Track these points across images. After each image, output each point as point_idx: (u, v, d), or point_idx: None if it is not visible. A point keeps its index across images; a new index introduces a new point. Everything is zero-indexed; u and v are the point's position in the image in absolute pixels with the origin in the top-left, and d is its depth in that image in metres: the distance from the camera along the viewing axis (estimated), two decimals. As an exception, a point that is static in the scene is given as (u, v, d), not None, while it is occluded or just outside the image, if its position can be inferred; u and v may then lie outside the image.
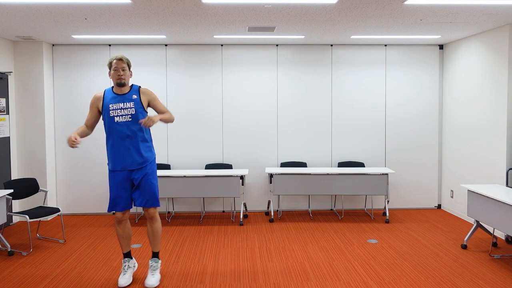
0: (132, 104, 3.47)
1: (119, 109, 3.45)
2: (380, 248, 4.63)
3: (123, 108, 3.45)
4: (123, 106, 3.46)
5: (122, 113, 3.45)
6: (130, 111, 3.45)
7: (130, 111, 3.45)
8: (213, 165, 6.18)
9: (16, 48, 5.80)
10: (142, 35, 5.46)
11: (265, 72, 6.23)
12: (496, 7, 4.16)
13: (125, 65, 3.48)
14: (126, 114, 3.45)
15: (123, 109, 3.45)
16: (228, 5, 3.99)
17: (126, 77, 3.50)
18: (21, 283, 3.75)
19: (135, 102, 3.48)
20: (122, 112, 3.45)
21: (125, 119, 3.45)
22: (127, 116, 3.45)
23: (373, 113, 6.32)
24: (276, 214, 6.10)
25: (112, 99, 3.48)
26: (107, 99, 3.50)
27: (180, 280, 3.79)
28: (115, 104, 3.46)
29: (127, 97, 3.49)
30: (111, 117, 3.45)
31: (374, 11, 4.28)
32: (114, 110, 3.45)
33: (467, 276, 3.84)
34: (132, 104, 3.47)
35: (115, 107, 3.45)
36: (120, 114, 3.45)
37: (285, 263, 4.19)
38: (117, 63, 3.45)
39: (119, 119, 3.44)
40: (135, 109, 3.46)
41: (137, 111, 3.47)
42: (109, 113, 3.46)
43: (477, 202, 4.49)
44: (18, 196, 4.88)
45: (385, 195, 5.73)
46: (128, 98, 3.49)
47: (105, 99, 3.50)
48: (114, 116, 3.45)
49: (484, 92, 5.34)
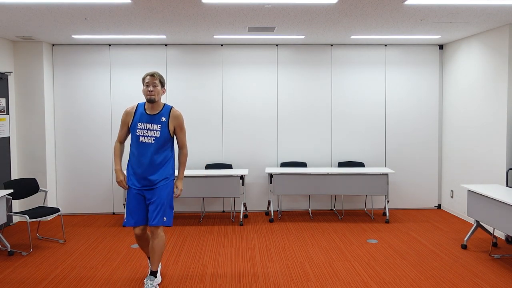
0: (159, 127, 3.45)
1: (146, 129, 3.45)
2: (380, 248, 4.63)
3: (150, 129, 3.45)
4: (150, 127, 3.45)
5: (148, 134, 3.45)
6: (156, 134, 3.45)
7: (155, 134, 3.45)
8: (213, 165, 6.18)
9: (16, 48, 5.80)
10: (142, 35, 5.46)
11: (265, 72, 6.23)
12: (496, 7, 4.16)
13: (156, 81, 3.43)
14: (151, 136, 3.44)
15: (149, 130, 3.45)
16: (228, 5, 3.99)
17: (157, 94, 3.44)
18: (21, 283, 3.75)
19: (163, 125, 3.46)
20: (148, 133, 3.45)
21: (149, 141, 3.44)
22: (151, 138, 3.44)
23: (373, 113, 6.32)
24: (276, 214, 6.10)
25: (142, 118, 3.47)
26: (137, 115, 3.49)
27: (180, 280, 3.79)
28: (143, 124, 3.45)
29: (156, 119, 3.46)
30: (137, 135, 3.46)
31: (374, 11, 4.28)
32: (141, 130, 3.45)
33: (467, 276, 3.84)
34: (159, 127, 3.45)
35: (143, 126, 3.45)
36: (146, 135, 3.45)
37: (285, 263, 4.19)
38: (149, 79, 3.42)
39: (143, 139, 3.45)
40: (161, 133, 3.45)
41: (162, 135, 3.45)
42: (136, 131, 3.47)
43: (477, 202, 4.49)
44: (18, 196, 4.88)
45: (385, 195, 5.73)
46: (156, 120, 3.46)
47: (136, 116, 3.49)
48: (140, 135, 3.45)
49: (484, 92, 5.34)
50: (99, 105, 6.14)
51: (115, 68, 6.13)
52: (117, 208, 6.23)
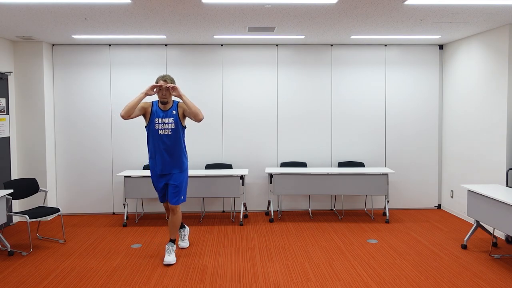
0: (173, 120, 4.18)
1: (162, 123, 4.16)
2: (380, 248, 4.63)
3: (166, 123, 4.16)
4: (167, 121, 4.17)
5: (165, 127, 4.16)
6: (171, 126, 4.17)
7: (171, 126, 4.17)
8: (213, 165, 6.18)
9: (16, 48, 5.81)
10: (142, 35, 5.46)
11: (265, 72, 6.23)
12: (496, 7, 4.16)
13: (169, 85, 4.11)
14: (168, 128, 4.16)
15: (166, 123, 4.16)
16: (228, 5, 3.99)
17: (169, 97, 4.14)
18: (21, 283, 3.75)
19: (175, 117, 4.19)
20: (165, 126, 4.16)
21: (166, 132, 4.17)
22: (168, 130, 4.16)
23: (373, 113, 6.32)
24: (276, 214, 6.10)
25: (159, 114, 4.17)
26: (155, 112, 4.19)
27: (180, 280, 3.79)
28: (160, 119, 4.16)
29: (169, 114, 4.18)
30: (156, 129, 4.17)
31: (374, 11, 4.28)
32: (159, 124, 4.16)
33: (467, 276, 3.84)
34: (172, 120, 4.17)
35: (160, 121, 4.16)
36: (164, 128, 4.16)
37: (285, 263, 4.19)
38: (161, 83, 4.07)
39: (162, 132, 4.16)
40: (175, 124, 4.17)
41: (176, 125, 4.18)
42: (154, 126, 4.17)
43: (477, 202, 4.49)
44: (18, 196, 4.88)
45: (385, 195, 5.73)
46: (169, 114, 4.18)
47: (153, 113, 4.19)
48: (159, 129, 4.16)
49: (484, 92, 5.34)
50: (99, 105, 6.14)
51: (115, 68, 6.13)
52: (117, 208, 6.23)
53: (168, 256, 4.23)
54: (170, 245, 4.32)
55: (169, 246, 4.31)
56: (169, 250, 4.28)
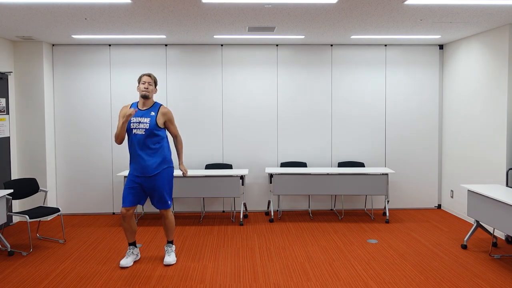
0: (148, 120, 4.00)
1: (137, 122, 3.99)
2: (380, 248, 4.63)
3: (141, 122, 3.99)
4: (141, 121, 4.00)
5: (139, 127, 3.99)
6: (145, 126, 3.98)
7: (145, 126, 3.98)
8: (213, 165, 6.18)
9: (16, 48, 5.81)
10: (142, 35, 5.46)
11: (265, 72, 6.23)
12: (496, 7, 4.16)
13: (151, 81, 4.06)
14: (142, 128, 3.99)
15: (141, 122, 4.00)
16: (228, 5, 3.99)
17: (150, 91, 4.05)
18: (21, 283, 3.75)
19: (151, 119, 4.01)
20: (139, 126, 3.99)
21: (140, 132, 3.99)
22: (142, 130, 3.99)
23: (373, 113, 6.32)
24: (276, 214, 6.10)
25: (137, 113, 4.03)
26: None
27: (180, 280, 3.79)
28: (136, 118, 4.00)
29: (146, 113, 4.03)
30: (131, 128, 4.02)
31: (374, 11, 4.28)
32: (134, 123, 4.00)
33: (467, 276, 3.84)
34: (148, 120, 4.00)
35: (135, 120, 4.00)
36: (138, 127, 3.99)
37: (285, 263, 4.19)
38: (145, 78, 4.04)
39: (136, 131, 4.00)
40: (149, 125, 3.99)
41: (151, 127, 3.99)
42: (130, 125, 4.01)
43: (477, 202, 4.49)
44: (18, 196, 4.88)
45: (385, 195, 5.73)
46: (146, 114, 4.02)
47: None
48: (133, 128, 4.00)
49: (484, 92, 5.34)
50: (99, 105, 6.14)
51: (115, 68, 6.13)
52: (117, 208, 6.22)
53: (168, 256, 4.24)
54: (169, 246, 4.32)
55: (167, 247, 4.31)
56: (169, 251, 4.29)
